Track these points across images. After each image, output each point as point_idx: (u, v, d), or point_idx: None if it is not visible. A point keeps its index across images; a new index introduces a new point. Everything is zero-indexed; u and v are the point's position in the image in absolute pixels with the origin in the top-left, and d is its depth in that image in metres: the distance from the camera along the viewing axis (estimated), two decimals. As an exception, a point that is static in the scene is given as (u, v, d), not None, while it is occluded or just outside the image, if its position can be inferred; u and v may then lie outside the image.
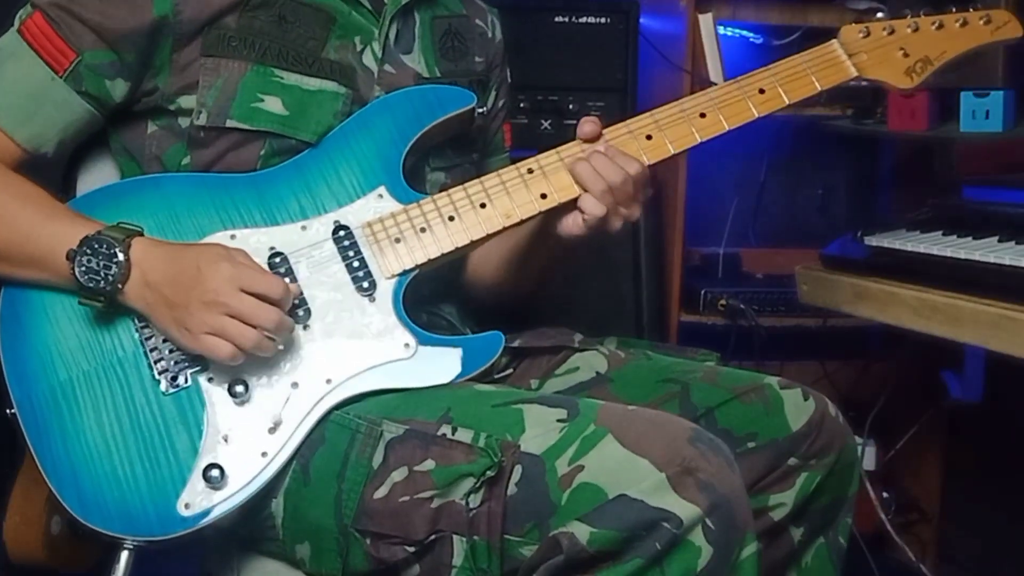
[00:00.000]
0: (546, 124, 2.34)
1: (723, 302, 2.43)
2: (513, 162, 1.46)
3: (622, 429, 1.20)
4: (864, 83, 1.53)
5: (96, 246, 1.27)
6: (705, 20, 2.46)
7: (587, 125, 1.42)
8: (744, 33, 2.68)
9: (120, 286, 1.28)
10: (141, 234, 1.31)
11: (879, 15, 1.50)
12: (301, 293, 1.35)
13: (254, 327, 1.26)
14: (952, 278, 1.62)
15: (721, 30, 2.52)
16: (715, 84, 2.46)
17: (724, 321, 2.44)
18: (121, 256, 1.27)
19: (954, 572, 2.56)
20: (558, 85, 2.35)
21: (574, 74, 2.35)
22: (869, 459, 2.59)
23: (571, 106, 2.36)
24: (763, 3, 2.55)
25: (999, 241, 1.63)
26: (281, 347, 1.30)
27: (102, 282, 1.27)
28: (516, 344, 1.52)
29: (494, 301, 1.62)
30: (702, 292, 2.46)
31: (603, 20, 2.37)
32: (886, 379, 2.54)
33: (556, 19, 2.33)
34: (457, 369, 1.36)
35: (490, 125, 1.66)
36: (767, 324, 2.44)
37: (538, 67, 2.33)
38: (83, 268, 1.27)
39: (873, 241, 1.76)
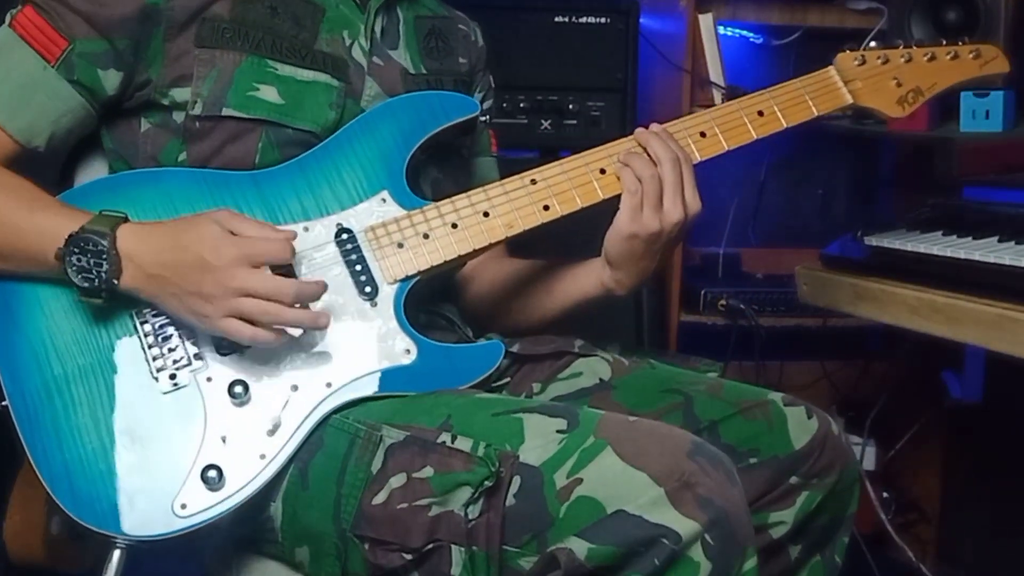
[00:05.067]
0: (546, 124, 2.34)
1: (723, 302, 2.43)
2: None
3: (621, 441, 1.18)
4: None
5: (83, 244, 1.25)
6: (705, 20, 2.46)
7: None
8: (744, 33, 2.68)
9: (115, 281, 1.26)
10: (126, 219, 1.29)
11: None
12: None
13: (274, 301, 1.25)
14: (952, 278, 1.61)
15: (721, 30, 2.53)
16: (715, 84, 2.47)
17: (724, 321, 2.44)
18: (110, 251, 1.25)
19: (954, 572, 2.56)
20: (558, 85, 2.34)
21: (574, 74, 2.34)
22: (869, 459, 2.59)
23: (571, 106, 2.36)
24: (763, 3, 2.55)
25: (999, 241, 1.63)
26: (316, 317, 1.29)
27: (96, 280, 1.25)
28: (514, 349, 1.51)
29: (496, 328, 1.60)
30: (702, 292, 2.46)
31: (603, 20, 2.37)
32: (886, 379, 2.55)
33: (556, 19, 2.33)
34: (457, 377, 1.36)
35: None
36: (767, 324, 2.44)
37: (538, 67, 2.33)
38: (75, 268, 1.25)
39: (873, 241, 1.76)
